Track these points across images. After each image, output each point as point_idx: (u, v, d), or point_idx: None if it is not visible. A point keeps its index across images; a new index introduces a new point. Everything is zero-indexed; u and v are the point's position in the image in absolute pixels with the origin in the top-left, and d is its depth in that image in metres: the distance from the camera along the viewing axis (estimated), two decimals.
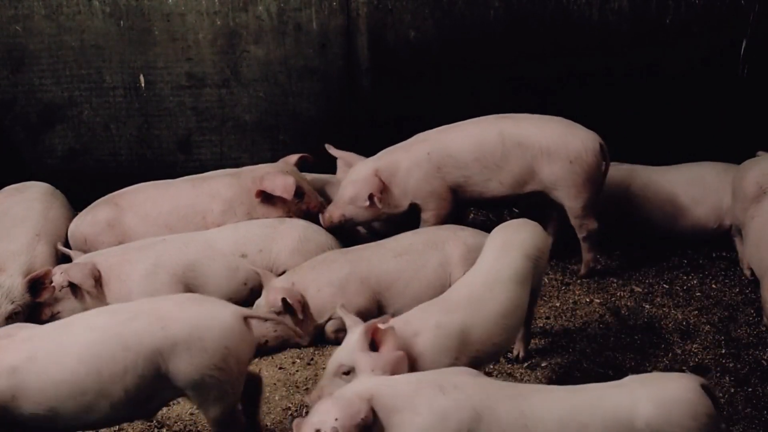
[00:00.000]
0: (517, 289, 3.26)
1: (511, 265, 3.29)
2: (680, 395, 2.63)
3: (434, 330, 3.04)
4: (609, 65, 5.01)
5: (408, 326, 3.05)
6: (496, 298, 3.20)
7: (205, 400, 2.97)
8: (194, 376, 2.90)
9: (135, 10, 4.97)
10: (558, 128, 4.29)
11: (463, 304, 3.16)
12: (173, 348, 2.88)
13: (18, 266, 4.13)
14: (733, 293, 4.34)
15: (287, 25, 5.01)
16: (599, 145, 4.27)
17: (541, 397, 2.66)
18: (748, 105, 5.04)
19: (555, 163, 4.24)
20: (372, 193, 4.26)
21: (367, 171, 4.35)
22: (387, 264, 4.00)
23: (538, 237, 3.45)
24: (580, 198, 4.29)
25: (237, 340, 2.96)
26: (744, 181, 4.29)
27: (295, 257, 4.22)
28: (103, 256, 4.15)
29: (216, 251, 4.21)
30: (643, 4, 4.91)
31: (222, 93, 5.16)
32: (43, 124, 5.24)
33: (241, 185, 4.59)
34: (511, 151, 4.26)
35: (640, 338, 3.97)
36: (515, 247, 3.36)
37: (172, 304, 3.02)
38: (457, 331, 3.07)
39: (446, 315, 3.10)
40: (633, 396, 2.62)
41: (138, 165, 5.28)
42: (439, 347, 3.02)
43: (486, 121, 4.39)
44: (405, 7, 4.96)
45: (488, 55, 5.01)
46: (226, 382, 2.95)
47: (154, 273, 4.09)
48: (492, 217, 5.21)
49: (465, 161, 4.30)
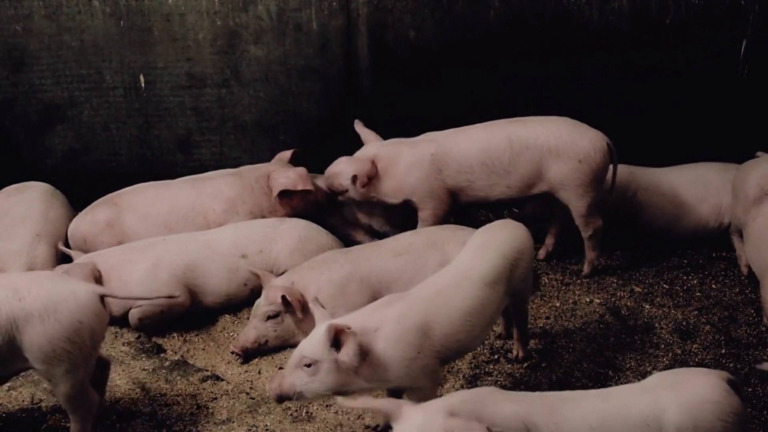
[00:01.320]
0: (485, 288, 3.23)
1: (484, 264, 3.28)
2: (707, 396, 2.66)
3: (395, 324, 3.04)
4: (609, 65, 5.01)
5: (370, 320, 3.05)
6: (462, 296, 3.18)
7: (55, 374, 3.08)
8: (46, 348, 3.02)
9: (135, 10, 4.97)
10: (566, 128, 4.31)
11: (427, 299, 3.16)
12: (28, 318, 3.00)
13: (18, 266, 4.15)
14: (733, 293, 4.35)
15: (287, 25, 5.01)
16: (606, 145, 4.29)
17: (572, 406, 2.69)
18: (748, 105, 5.03)
19: (564, 162, 4.25)
20: (356, 175, 4.30)
21: (366, 154, 4.43)
22: (387, 264, 4.01)
23: (518, 238, 3.43)
24: (587, 197, 4.30)
25: (91, 315, 3.10)
26: (745, 182, 4.29)
27: (295, 257, 4.23)
28: (104, 256, 4.16)
29: (216, 252, 4.21)
30: (643, 4, 4.90)
31: (222, 93, 5.16)
32: (43, 124, 5.24)
33: (244, 184, 4.61)
34: (520, 154, 4.27)
35: (640, 338, 3.97)
36: (492, 248, 3.35)
37: (30, 279, 3.18)
38: (417, 326, 3.06)
39: (408, 309, 3.09)
40: (660, 401, 2.66)
41: (138, 165, 5.28)
42: (400, 341, 3.02)
43: (495, 125, 4.40)
44: (405, 7, 4.96)
45: (488, 55, 5.01)
46: (78, 356, 3.07)
47: (154, 273, 4.10)
48: (492, 217, 5.21)
49: (470, 165, 4.31)
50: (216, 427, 3.44)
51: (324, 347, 2.92)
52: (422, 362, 3.03)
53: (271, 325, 3.89)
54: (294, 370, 2.97)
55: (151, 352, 3.96)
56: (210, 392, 3.66)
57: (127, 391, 3.65)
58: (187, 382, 3.73)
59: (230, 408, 3.55)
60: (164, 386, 3.70)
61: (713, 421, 2.62)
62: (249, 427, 3.42)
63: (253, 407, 3.55)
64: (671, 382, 2.74)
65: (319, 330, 2.98)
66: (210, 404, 3.58)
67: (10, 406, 3.54)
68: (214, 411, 3.54)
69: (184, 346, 4.04)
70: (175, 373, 3.79)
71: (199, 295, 4.19)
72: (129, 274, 4.08)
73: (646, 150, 4.96)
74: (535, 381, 3.67)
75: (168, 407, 3.56)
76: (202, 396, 3.63)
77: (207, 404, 3.58)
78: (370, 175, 4.34)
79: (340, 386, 2.98)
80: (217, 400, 3.60)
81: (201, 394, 3.64)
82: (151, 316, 4.08)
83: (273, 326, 3.89)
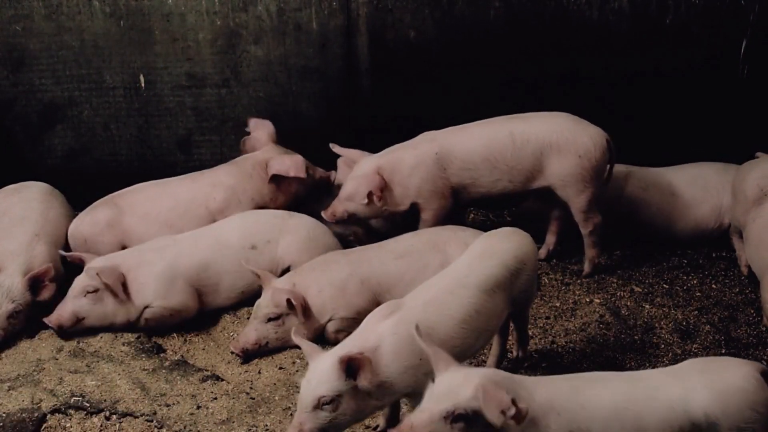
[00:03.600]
0: (482, 296, 3.17)
1: (482, 272, 3.22)
2: (738, 384, 2.61)
3: (392, 336, 2.99)
4: (609, 65, 5.01)
5: (368, 340, 2.99)
6: (459, 303, 3.14)
7: None
8: None
9: (135, 10, 4.97)
10: (566, 124, 4.32)
11: (422, 306, 3.11)
12: None
13: (17, 266, 4.14)
14: (733, 293, 4.35)
15: (287, 25, 5.01)
16: (606, 141, 4.30)
17: (597, 388, 2.66)
18: (748, 105, 5.04)
19: (564, 158, 4.26)
20: (371, 191, 4.26)
21: (368, 168, 4.34)
22: (388, 265, 4.00)
23: (521, 248, 3.38)
24: (587, 192, 4.31)
25: None
26: (744, 183, 4.30)
27: (302, 254, 4.22)
28: (122, 258, 4.14)
29: (226, 246, 4.20)
30: (643, 4, 4.91)
31: (222, 93, 5.16)
32: (43, 124, 5.24)
33: (242, 172, 4.66)
34: (522, 149, 4.28)
35: (640, 338, 3.97)
36: (494, 256, 3.29)
37: None
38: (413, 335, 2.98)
39: (403, 319, 3.03)
40: (690, 385, 2.62)
41: (138, 165, 5.28)
42: (401, 352, 2.97)
43: (495, 122, 4.40)
44: (405, 7, 4.96)
45: (488, 55, 5.01)
46: None
47: (171, 274, 4.08)
48: (492, 217, 5.22)
49: (474, 162, 4.31)
50: (216, 427, 3.43)
51: (340, 380, 2.87)
52: (427, 367, 3.00)
53: (272, 326, 3.88)
54: (312, 413, 2.89)
55: (151, 352, 3.96)
56: (210, 392, 3.66)
57: (127, 391, 3.65)
58: (187, 382, 3.72)
59: (230, 408, 3.55)
60: (164, 386, 3.69)
61: (743, 410, 2.57)
62: (249, 427, 3.42)
63: (253, 407, 3.55)
64: (703, 368, 2.70)
65: (323, 365, 2.91)
66: (210, 404, 3.58)
67: (10, 406, 3.54)
68: (214, 411, 3.53)
69: (184, 346, 4.04)
70: (175, 373, 3.79)
71: (212, 294, 4.19)
72: (146, 276, 4.07)
73: (645, 150, 4.97)
74: None
75: (168, 407, 3.55)
76: (202, 396, 3.63)
77: (207, 404, 3.58)
78: (381, 187, 4.28)
79: (360, 413, 2.96)
80: (217, 400, 3.60)
81: (201, 394, 3.64)
82: (159, 319, 4.07)
83: (274, 328, 3.89)
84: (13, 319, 4.01)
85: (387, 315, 3.07)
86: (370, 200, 4.28)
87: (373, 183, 4.27)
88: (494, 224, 5.08)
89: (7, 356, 3.93)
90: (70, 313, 3.98)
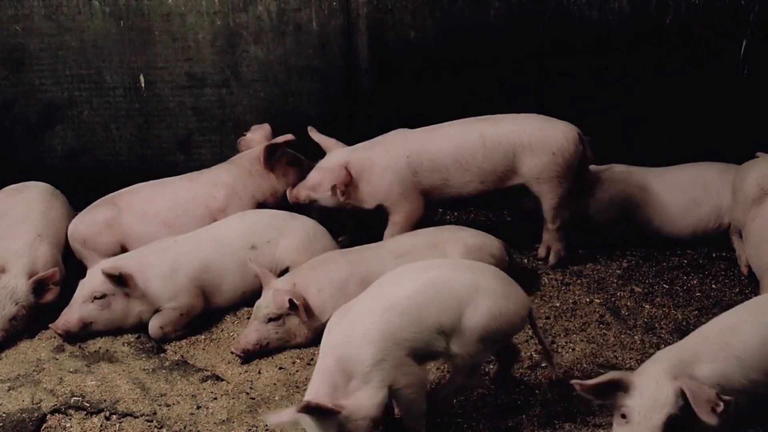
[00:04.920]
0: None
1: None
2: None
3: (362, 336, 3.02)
4: (609, 65, 5.00)
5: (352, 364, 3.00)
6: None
7: None
8: None
9: (135, 10, 4.98)
10: (537, 123, 4.37)
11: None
12: None
13: (21, 267, 4.13)
14: (733, 293, 4.35)
15: (287, 25, 5.01)
16: (578, 135, 4.36)
17: (738, 330, 2.94)
18: (748, 105, 5.03)
19: (538, 156, 4.30)
20: (335, 185, 4.29)
21: (336, 162, 4.39)
22: (387, 265, 3.98)
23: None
24: (561, 188, 4.37)
25: None
26: (744, 182, 4.29)
27: (301, 255, 4.22)
28: (131, 259, 4.14)
29: (227, 246, 4.20)
30: (643, 4, 4.90)
31: (222, 93, 5.16)
32: (43, 124, 5.24)
33: (240, 169, 4.69)
34: (493, 151, 4.31)
35: (640, 338, 3.97)
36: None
37: None
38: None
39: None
40: None
41: (138, 165, 5.29)
42: (368, 343, 3.00)
43: (465, 123, 4.43)
44: (405, 7, 4.96)
45: (488, 55, 5.01)
46: None
47: (172, 275, 4.08)
48: (492, 217, 5.22)
49: (445, 164, 4.34)
50: (216, 427, 3.43)
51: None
52: (396, 360, 3.01)
53: (273, 327, 3.89)
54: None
55: (151, 352, 3.96)
56: (210, 392, 3.66)
57: (127, 391, 3.65)
58: (187, 382, 3.73)
59: (230, 408, 3.55)
60: (164, 386, 3.70)
61: None
62: (249, 427, 3.42)
63: (253, 407, 3.55)
64: None
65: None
66: (210, 404, 3.58)
67: (10, 406, 3.54)
68: (214, 411, 3.53)
69: (184, 346, 4.04)
70: (175, 373, 3.80)
71: (215, 295, 4.19)
72: (151, 277, 4.06)
73: (645, 150, 4.97)
74: (534, 381, 3.67)
75: (168, 407, 3.56)
76: (202, 396, 3.63)
77: (207, 404, 3.58)
78: (346, 182, 4.33)
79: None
80: (217, 400, 3.60)
81: (201, 394, 3.64)
82: (172, 322, 4.07)
83: (275, 328, 3.89)
84: (15, 321, 4.01)
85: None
86: (333, 193, 4.33)
87: (338, 177, 4.32)
88: (494, 224, 5.09)
89: (7, 356, 3.93)
90: (77, 320, 3.97)
